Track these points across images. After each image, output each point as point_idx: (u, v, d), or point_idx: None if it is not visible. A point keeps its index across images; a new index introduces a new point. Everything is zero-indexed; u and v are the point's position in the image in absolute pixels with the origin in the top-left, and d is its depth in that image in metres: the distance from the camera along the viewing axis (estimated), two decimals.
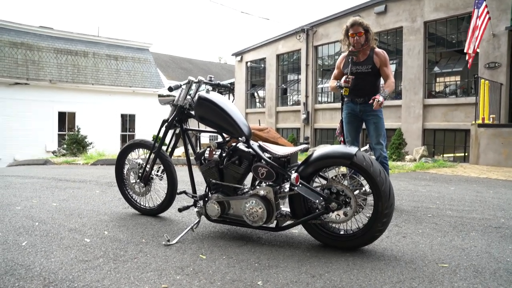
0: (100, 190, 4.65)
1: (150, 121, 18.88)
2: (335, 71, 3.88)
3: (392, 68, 12.51)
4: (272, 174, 2.46)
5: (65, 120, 17.93)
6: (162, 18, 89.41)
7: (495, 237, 2.74)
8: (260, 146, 2.60)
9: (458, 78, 12.32)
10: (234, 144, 2.68)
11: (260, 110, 18.99)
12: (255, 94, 20.05)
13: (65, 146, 13.68)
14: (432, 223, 3.13)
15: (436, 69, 12.26)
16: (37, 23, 25.70)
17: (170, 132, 3.07)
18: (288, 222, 2.56)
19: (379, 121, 3.68)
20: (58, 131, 17.63)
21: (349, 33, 3.59)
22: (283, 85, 17.81)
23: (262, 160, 2.51)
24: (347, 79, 3.52)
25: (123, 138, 19.47)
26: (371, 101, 3.48)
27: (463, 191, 4.80)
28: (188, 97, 2.93)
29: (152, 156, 3.13)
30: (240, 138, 2.62)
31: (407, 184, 5.36)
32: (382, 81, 3.82)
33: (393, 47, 13.01)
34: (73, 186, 4.97)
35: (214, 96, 2.74)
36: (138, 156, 3.38)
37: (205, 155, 2.73)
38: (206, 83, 2.97)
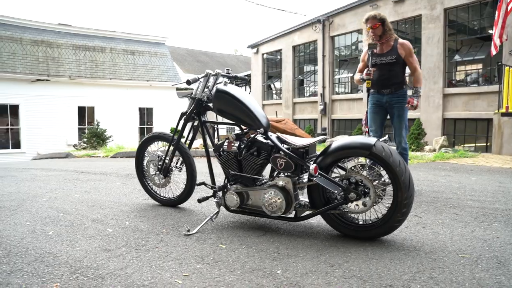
0: (121, 182, 4.76)
1: (168, 114, 19.11)
2: (360, 64, 4.02)
3: None
4: (291, 165, 2.47)
5: (85, 114, 18.31)
6: (178, 11, 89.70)
7: None
8: (278, 138, 2.61)
9: (480, 66, 11.99)
10: (252, 135, 2.69)
11: (277, 101, 18.94)
12: (272, 85, 20.00)
13: (85, 139, 14.00)
14: (453, 214, 3.09)
15: (457, 57, 11.94)
16: (56, 21, 26.18)
17: (189, 124, 3.11)
18: (307, 212, 2.57)
19: (403, 113, 3.80)
20: (78, 125, 18.03)
21: (367, 28, 3.76)
22: (299, 76, 17.69)
23: (281, 151, 2.52)
24: (369, 72, 3.68)
25: (141, 131, 19.76)
26: (407, 105, 3.67)
27: (485, 181, 4.70)
28: (206, 90, 2.96)
29: (171, 148, 3.18)
30: (258, 130, 2.63)
31: (426, 174, 5.28)
32: (407, 70, 3.89)
33: (411, 35, 12.72)
34: (94, 178, 5.09)
35: (232, 89, 2.76)
36: (157, 148, 3.44)
37: (224, 146, 2.76)
38: (223, 76, 2.99)
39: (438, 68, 11.47)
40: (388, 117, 3.95)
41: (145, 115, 20.14)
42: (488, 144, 10.29)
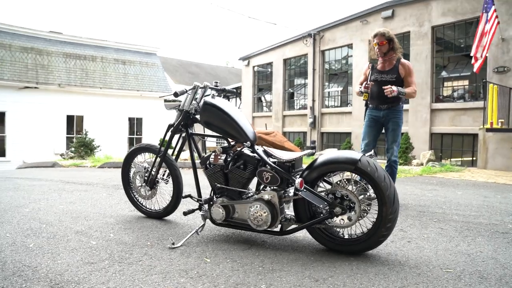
0: (107, 193, 4.70)
1: (158, 124, 19.03)
2: (362, 77, 4.15)
3: None
4: (277, 179, 2.47)
5: (73, 123, 18.13)
6: (170, 22, 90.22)
7: (502, 243, 2.72)
8: (265, 151, 2.61)
9: (466, 82, 12.25)
10: (239, 149, 2.69)
11: (267, 114, 19.03)
12: (262, 98, 20.10)
13: (73, 149, 13.82)
14: (438, 228, 3.11)
15: (444, 73, 12.20)
16: (47, 28, 26.08)
17: (176, 136, 3.10)
18: (293, 226, 2.57)
19: (397, 128, 3.95)
20: (66, 134, 17.83)
21: (373, 43, 3.87)
22: (290, 89, 17.84)
23: (267, 165, 2.52)
24: (367, 85, 3.82)
25: (131, 142, 19.62)
26: (384, 86, 3.71)
27: (470, 195, 4.76)
28: (194, 102, 2.96)
29: (158, 160, 3.16)
30: (245, 143, 2.64)
31: (413, 188, 5.33)
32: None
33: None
34: (80, 188, 5.02)
35: (219, 102, 2.76)
36: (144, 160, 3.41)
37: (210, 159, 2.75)
38: (211, 88, 2.99)
39: (426, 83, 11.69)
40: (383, 131, 4.07)
41: (135, 125, 20.03)
42: (474, 158, 10.46)
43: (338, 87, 15.76)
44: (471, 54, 8.74)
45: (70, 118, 18.00)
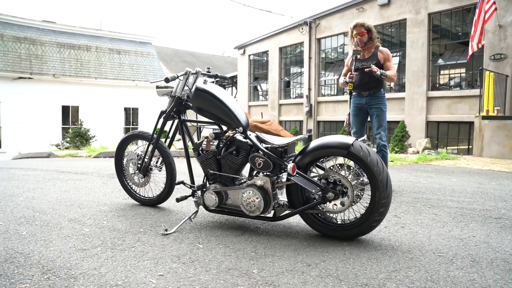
0: (101, 181, 4.68)
1: (153, 114, 18.84)
2: (344, 69, 4.29)
3: (395, 60, 12.52)
4: (269, 164, 2.45)
5: (69, 113, 18.04)
6: (165, 11, 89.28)
7: (495, 228, 2.73)
8: (257, 137, 2.59)
9: (462, 70, 12.22)
10: (231, 134, 2.67)
11: (263, 103, 18.96)
12: (258, 87, 20.01)
13: (68, 139, 13.78)
14: (432, 214, 3.12)
15: (440, 61, 12.15)
16: (40, 18, 25.76)
17: (169, 123, 3.07)
18: (286, 212, 2.56)
19: (381, 114, 4.05)
20: (62, 124, 17.75)
21: (353, 34, 4.02)
22: (286, 78, 17.75)
23: (259, 151, 2.50)
24: (351, 75, 3.94)
25: (127, 131, 19.49)
26: (368, 68, 3.86)
27: (465, 182, 4.77)
28: (186, 88, 2.93)
29: (151, 147, 3.14)
30: (237, 129, 2.62)
31: (408, 175, 5.34)
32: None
33: (396, 39, 12.90)
34: (75, 178, 5.00)
35: (211, 87, 2.73)
36: (137, 147, 3.39)
37: (203, 145, 2.73)
38: (204, 74, 2.96)
39: (422, 71, 11.66)
40: (369, 118, 4.18)
41: (131, 115, 19.95)
42: (470, 146, 10.49)
43: (334, 75, 15.69)
44: (472, 42, 8.67)
45: (65, 109, 17.90)
